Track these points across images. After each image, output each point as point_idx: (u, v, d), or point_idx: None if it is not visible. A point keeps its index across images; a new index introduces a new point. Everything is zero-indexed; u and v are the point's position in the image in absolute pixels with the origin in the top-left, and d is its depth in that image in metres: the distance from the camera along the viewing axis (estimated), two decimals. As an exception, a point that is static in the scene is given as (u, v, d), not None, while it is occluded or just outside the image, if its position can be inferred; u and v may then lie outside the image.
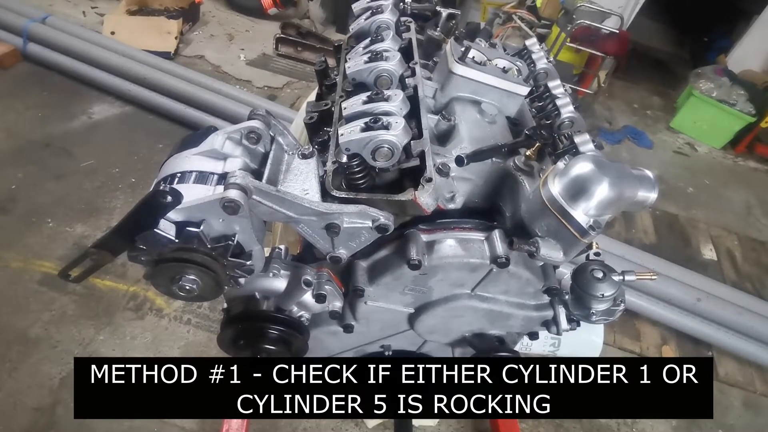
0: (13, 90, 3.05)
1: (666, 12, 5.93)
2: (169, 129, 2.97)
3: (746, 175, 3.93)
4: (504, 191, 0.83)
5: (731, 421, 2.19)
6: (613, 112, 4.27)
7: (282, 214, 0.71)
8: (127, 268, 2.19)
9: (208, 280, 0.70)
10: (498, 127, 0.89)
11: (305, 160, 0.80)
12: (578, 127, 0.84)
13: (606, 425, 2.04)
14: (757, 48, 4.27)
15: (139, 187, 2.59)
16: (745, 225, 3.35)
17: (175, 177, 0.72)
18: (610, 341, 2.36)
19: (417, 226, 0.81)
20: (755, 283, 2.88)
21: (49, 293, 2.08)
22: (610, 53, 3.53)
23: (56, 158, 2.67)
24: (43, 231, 2.30)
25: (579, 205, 0.67)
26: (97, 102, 3.08)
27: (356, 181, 0.74)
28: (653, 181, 0.73)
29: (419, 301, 0.87)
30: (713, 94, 3.89)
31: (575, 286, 0.83)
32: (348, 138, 0.69)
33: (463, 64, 0.87)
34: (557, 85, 0.92)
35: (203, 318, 2.10)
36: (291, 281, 0.86)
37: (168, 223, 0.69)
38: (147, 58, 3.14)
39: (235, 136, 0.76)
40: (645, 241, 2.99)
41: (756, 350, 2.32)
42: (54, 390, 1.80)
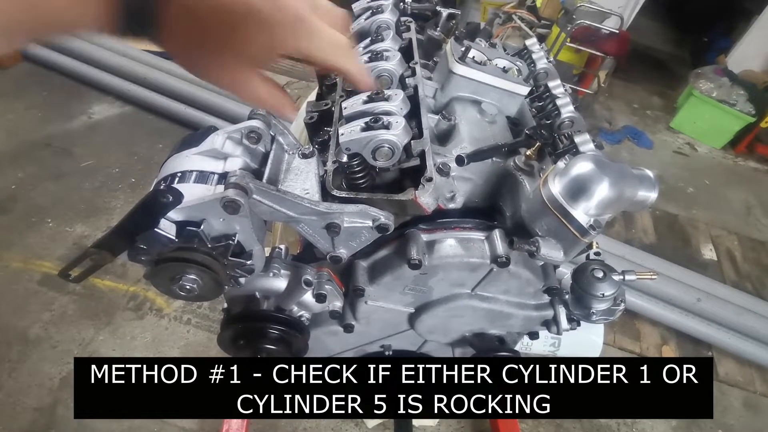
0: (13, 90, 3.05)
1: (666, 12, 5.94)
2: (169, 129, 2.97)
3: (746, 175, 3.94)
4: (504, 191, 0.83)
5: (731, 421, 2.19)
6: (613, 112, 4.27)
7: (282, 213, 0.71)
8: (127, 268, 2.20)
9: (208, 279, 0.70)
10: (498, 127, 0.89)
11: (305, 160, 0.80)
12: (578, 127, 0.84)
13: (606, 425, 2.04)
14: (757, 48, 4.27)
15: (139, 187, 2.59)
16: (745, 225, 3.35)
17: (176, 177, 0.72)
18: (610, 341, 2.36)
19: (417, 225, 0.81)
20: (755, 283, 2.88)
21: (49, 293, 2.08)
22: (610, 53, 3.53)
23: (56, 158, 2.67)
24: (43, 231, 2.30)
25: (579, 204, 0.67)
26: (97, 102, 3.08)
27: (356, 181, 0.74)
28: (653, 180, 0.73)
29: (419, 300, 0.87)
30: (713, 94, 3.89)
31: (575, 285, 0.83)
32: (348, 138, 0.69)
33: (463, 64, 0.87)
34: (557, 85, 0.92)
35: (203, 318, 2.10)
36: (291, 281, 0.86)
37: (168, 223, 0.69)
38: (147, 58, 3.14)
39: (236, 136, 0.76)
40: (645, 241, 2.99)
41: (756, 350, 2.32)
42: (54, 390, 1.80)
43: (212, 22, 0.45)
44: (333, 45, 0.54)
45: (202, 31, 0.46)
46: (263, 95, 0.54)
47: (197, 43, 0.47)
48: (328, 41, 0.53)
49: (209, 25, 0.45)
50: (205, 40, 0.46)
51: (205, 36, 0.46)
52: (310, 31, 0.51)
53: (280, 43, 0.50)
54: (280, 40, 0.49)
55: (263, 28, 0.47)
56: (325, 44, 0.53)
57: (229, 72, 0.50)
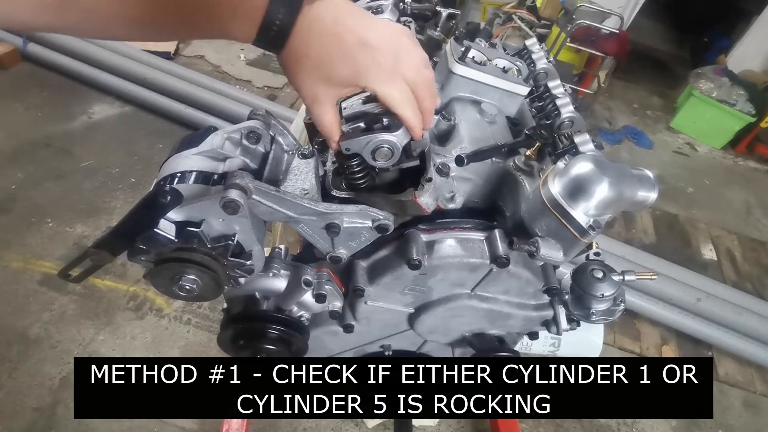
0: (13, 90, 3.05)
1: (666, 12, 5.94)
2: (169, 129, 2.97)
3: (746, 175, 3.93)
4: (504, 191, 0.83)
5: (731, 421, 2.19)
6: (613, 112, 4.27)
7: (282, 213, 0.71)
8: (127, 268, 2.19)
9: (208, 279, 0.70)
10: (498, 127, 0.89)
11: (305, 160, 0.80)
12: (578, 127, 0.84)
13: (606, 425, 2.04)
14: (757, 48, 4.27)
15: (139, 187, 2.59)
16: (745, 225, 3.35)
17: (175, 177, 0.72)
18: (610, 341, 2.36)
19: (417, 226, 0.81)
20: (755, 283, 2.88)
21: (49, 293, 2.08)
22: (610, 53, 3.53)
23: (56, 158, 2.67)
24: (43, 231, 2.30)
25: (579, 204, 0.67)
26: (97, 102, 3.08)
27: (356, 181, 0.74)
28: (653, 180, 0.73)
29: (419, 301, 0.87)
30: (713, 94, 3.89)
31: (575, 285, 0.83)
32: (348, 138, 0.69)
33: (463, 64, 0.87)
34: (557, 85, 0.92)
35: (203, 318, 2.10)
36: (291, 281, 0.86)
37: (168, 223, 0.69)
38: (147, 58, 3.14)
39: (235, 136, 0.76)
40: (645, 241, 2.99)
41: (756, 350, 2.32)
42: (54, 390, 1.80)
43: (328, 46, 0.56)
44: (403, 98, 0.62)
45: (314, 51, 0.56)
46: (325, 121, 0.63)
47: (304, 59, 0.57)
48: (400, 93, 0.61)
49: (323, 48, 0.56)
50: (311, 57, 0.56)
51: (313, 54, 0.56)
52: (391, 80, 0.60)
53: (364, 80, 0.59)
54: (365, 78, 0.59)
55: (359, 61, 0.57)
56: (396, 94, 0.61)
57: (312, 88, 0.60)
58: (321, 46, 0.56)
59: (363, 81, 0.59)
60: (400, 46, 0.60)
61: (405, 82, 0.61)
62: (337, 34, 0.56)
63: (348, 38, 0.56)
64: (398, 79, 0.60)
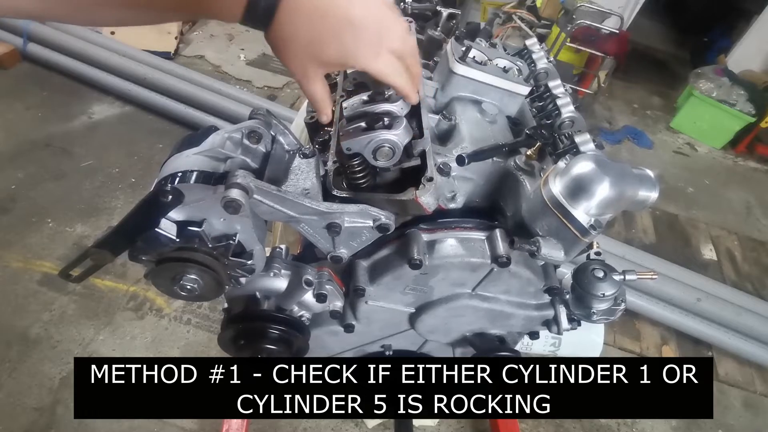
0: (13, 90, 3.04)
1: (666, 12, 5.93)
2: (169, 129, 2.97)
3: (746, 175, 3.93)
4: (505, 191, 0.83)
5: (731, 421, 2.19)
6: (613, 112, 4.27)
7: (283, 213, 0.71)
8: (127, 268, 2.19)
9: (209, 279, 0.70)
10: (498, 127, 0.89)
11: (306, 160, 0.80)
12: (579, 127, 0.84)
13: (606, 425, 2.04)
14: (757, 48, 4.26)
15: (139, 187, 2.59)
16: (745, 225, 3.34)
17: (176, 176, 0.72)
18: (610, 341, 2.36)
19: (418, 225, 0.81)
20: (755, 283, 2.87)
21: (49, 293, 2.07)
22: (610, 53, 3.53)
23: (56, 158, 2.67)
24: (43, 231, 2.30)
25: (580, 204, 0.67)
26: (97, 102, 3.08)
27: (357, 181, 0.74)
28: (654, 180, 0.73)
29: (420, 300, 0.87)
30: (713, 94, 3.89)
31: (576, 285, 0.83)
32: (349, 138, 0.69)
33: (463, 64, 0.87)
34: (557, 84, 0.92)
35: (203, 318, 2.10)
36: (292, 281, 0.86)
37: (169, 223, 0.69)
38: (147, 58, 3.14)
39: (236, 136, 0.76)
40: (645, 241, 2.99)
41: (756, 350, 2.32)
42: (54, 390, 1.80)
43: (314, 25, 0.56)
44: (393, 69, 0.64)
45: (302, 31, 0.57)
46: (316, 95, 0.64)
47: (292, 38, 0.58)
48: (388, 66, 0.63)
49: (310, 27, 0.56)
50: (299, 37, 0.57)
51: (301, 34, 0.57)
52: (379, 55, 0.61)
53: (353, 60, 0.60)
54: (353, 59, 0.60)
55: (346, 41, 0.58)
56: (385, 68, 0.63)
57: (301, 66, 0.61)
58: (308, 25, 0.56)
59: (351, 61, 0.61)
60: (384, 18, 0.61)
61: (392, 54, 0.63)
62: (323, 10, 0.56)
63: (333, 16, 0.57)
64: (385, 53, 0.62)
